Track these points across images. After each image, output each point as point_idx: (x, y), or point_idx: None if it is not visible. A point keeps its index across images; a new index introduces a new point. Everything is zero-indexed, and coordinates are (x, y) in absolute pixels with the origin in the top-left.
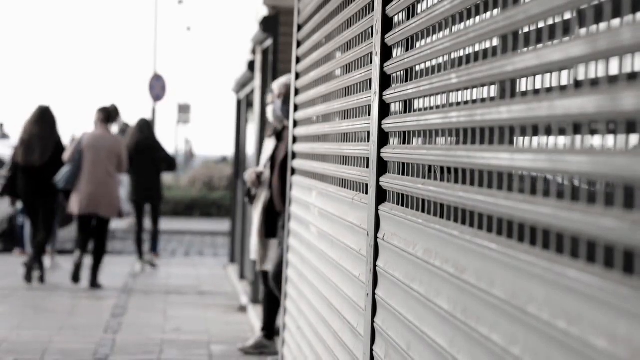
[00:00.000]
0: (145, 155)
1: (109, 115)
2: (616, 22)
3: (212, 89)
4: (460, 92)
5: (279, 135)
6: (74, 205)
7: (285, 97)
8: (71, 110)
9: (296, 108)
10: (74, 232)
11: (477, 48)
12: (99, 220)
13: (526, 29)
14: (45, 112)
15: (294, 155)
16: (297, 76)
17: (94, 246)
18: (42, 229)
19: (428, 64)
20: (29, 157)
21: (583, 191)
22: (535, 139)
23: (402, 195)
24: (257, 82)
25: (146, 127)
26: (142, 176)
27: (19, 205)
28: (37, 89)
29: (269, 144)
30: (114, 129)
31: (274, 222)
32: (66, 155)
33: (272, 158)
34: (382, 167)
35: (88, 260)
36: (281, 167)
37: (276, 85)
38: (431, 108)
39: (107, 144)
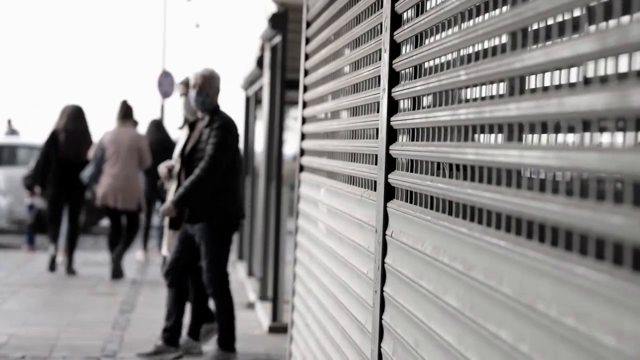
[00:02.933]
0: (159, 153)
1: (128, 110)
2: (625, 19)
3: (220, 85)
4: (469, 89)
5: (192, 126)
6: (98, 198)
7: (199, 88)
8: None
9: (305, 105)
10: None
11: (486, 45)
12: (127, 215)
13: (535, 26)
14: (80, 111)
15: (302, 152)
16: (306, 73)
17: (123, 238)
18: (69, 222)
19: (437, 60)
20: (70, 151)
21: (592, 188)
22: (544, 136)
23: (411, 192)
24: (265, 79)
25: (161, 127)
26: (155, 174)
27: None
28: (45, 86)
29: (182, 137)
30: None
31: (182, 214)
32: (90, 153)
33: (182, 150)
34: (391, 164)
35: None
36: (187, 159)
37: (192, 76)
38: (440, 105)
39: (127, 140)
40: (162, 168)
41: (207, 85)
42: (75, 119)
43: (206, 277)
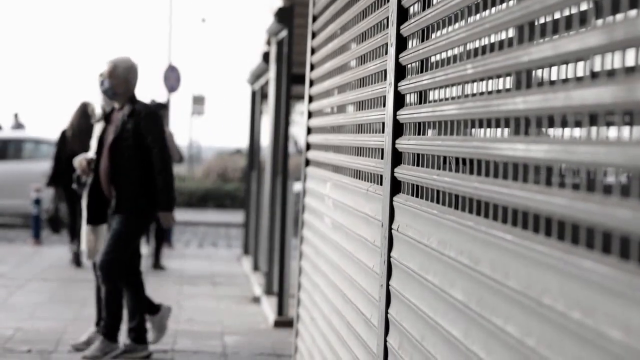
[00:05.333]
0: None
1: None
2: (633, 12)
3: (226, 80)
4: (475, 83)
5: (108, 117)
6: None
7: (104, 76)
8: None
9: (311, 99)
10: None
11: (492, 39)
12: None
13: (542, 20)
14: (85, 107)
15: (308, 147)
16: (312, 67)
17: (154, 232)
18: (79, 215)
19: (443, 54)
20: (75, 147)
21: (598, 182)
22: (551, 129)
23: (417, 186)
24: (271, 73)
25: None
26: None
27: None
28: (50, 81)
29: (99, 128)
30: None
31: (102, 208)
32: None
33: (100, 141)
34: (397, 158)
35: None
36: (110, 150)
37: (106, 65)
38: (446, 99)
39: None
40: (81, 160)
41: (113, 74)
42: (80, 115)
43: (103, 260)
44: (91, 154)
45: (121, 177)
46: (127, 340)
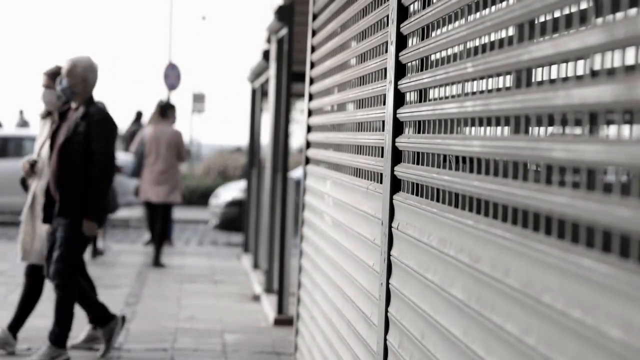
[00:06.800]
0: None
1: (164, 110)
2: (633, 11)
3: (226, 78)
4: (476, 82)
5: (63, 115)
6: (140, 192)
7: (63, 76)
8: None
9: (311, 97)
10: None
11: (493, 37)
12: (162, 206)
13: (542, 18)
14: None
15: (308, 145)
16: (312, 65)
17: (157, 229)
18: None
19: (443, 53)
20: None
21: (599, 180)
22: (551, 128)
23: (417, 184)
24: (272, 71)
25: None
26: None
27: None
28: None
29: (45, 127)
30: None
31: (51, 208)
32: (132, 148)
33: (52, 140)
34: (397, 156)
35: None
36: (60, 151)
37: (65, 64)
38: (446, 97)
39: (166, 136)
40: (24, 163)
41: (71, 73)
42: None
43: (55, 268)
44: (35, 155)
45: (69, 179)
46: (97, 330)
